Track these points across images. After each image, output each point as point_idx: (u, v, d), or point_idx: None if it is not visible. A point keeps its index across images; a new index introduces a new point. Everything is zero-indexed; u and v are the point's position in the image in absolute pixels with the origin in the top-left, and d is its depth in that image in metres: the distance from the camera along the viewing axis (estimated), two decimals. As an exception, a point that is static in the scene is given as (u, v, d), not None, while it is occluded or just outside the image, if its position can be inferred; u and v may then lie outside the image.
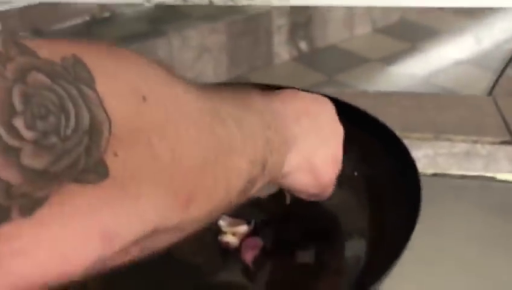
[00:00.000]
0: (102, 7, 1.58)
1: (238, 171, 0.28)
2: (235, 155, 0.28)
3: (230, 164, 0.27)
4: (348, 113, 0.39)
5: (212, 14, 1.75)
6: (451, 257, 0.42)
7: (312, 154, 0.35)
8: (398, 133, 0.43)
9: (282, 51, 1.95)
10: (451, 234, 0.44)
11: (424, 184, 0.37)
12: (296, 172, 0.35)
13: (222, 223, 0.43)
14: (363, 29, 2.05)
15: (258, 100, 0.32)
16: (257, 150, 0.30)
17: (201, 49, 1.74)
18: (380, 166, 0.44)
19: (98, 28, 1.59)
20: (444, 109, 0.62)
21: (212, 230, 0.42)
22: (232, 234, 0.42)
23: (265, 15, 1.89)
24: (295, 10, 1.91)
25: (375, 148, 0.44)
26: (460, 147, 0.55)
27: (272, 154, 0.31)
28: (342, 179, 0.39)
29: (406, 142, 0.42)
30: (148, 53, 0.53)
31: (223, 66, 1.81)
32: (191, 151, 0.24)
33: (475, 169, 0.52)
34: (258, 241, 0.42)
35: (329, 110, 0.37)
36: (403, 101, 0.64)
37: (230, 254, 0.41)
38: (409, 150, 0.41)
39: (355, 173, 0.45)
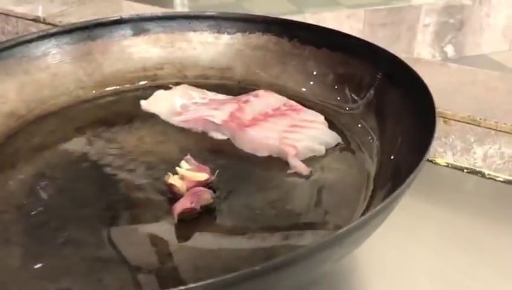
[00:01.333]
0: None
1: None
2: None
3: None
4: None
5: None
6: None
7: None
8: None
9: (424, 52, 1.79)
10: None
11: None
12: None
13: (183, 164, 0.38)
14: (524, 43, 1.79)
15: None
16: None
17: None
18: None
19: None
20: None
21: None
22: (181, 177, 0.37)
23: (412, 9, 1.74)
24: (448, 9, 1.73)
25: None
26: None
27: None
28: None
29: None
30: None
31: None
32: None
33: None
34: (203, 195, 0.35)
35: None
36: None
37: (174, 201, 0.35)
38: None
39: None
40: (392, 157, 0.38)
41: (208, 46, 0.55)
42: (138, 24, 0.54)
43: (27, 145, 0.44)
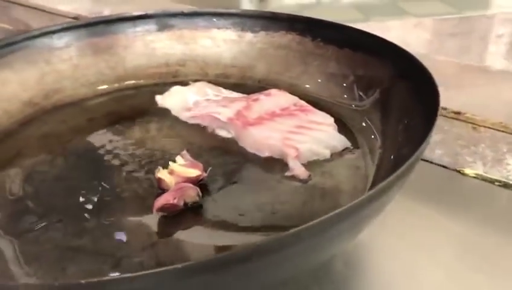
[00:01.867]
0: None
1: None
2: None
3: None
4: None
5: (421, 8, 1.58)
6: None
7: None
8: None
9: (497, 64, 1.68)
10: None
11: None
12: None
13: (178, 159, 0.37)
14: None
15: None
16: None
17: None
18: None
19: None
20: None
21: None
22: (170, 172, 0.36)
23: (484, 18, 1.64)
24: (525, 20, 1.61)
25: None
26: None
27: None
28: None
29: None
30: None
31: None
32: None
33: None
34: (188, 191, 0.34)
35: None
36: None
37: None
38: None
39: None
40: (392, 157, 0.34)
41: (231, 44, 0.54)
42: (163, 19, 0.54)
43: (38, 132, 0.45)
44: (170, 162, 0.37)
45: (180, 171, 0.36)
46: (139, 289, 0.21)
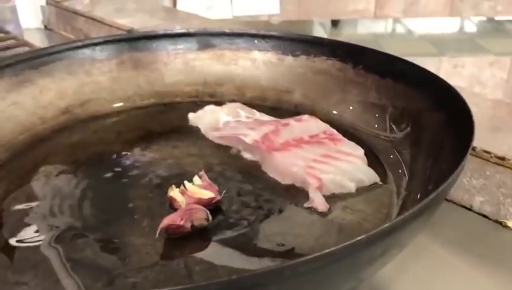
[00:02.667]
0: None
1: None
2: None
3: None
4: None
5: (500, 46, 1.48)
6: None
7: None
8: None
9: None
10: None
11: None
12: None
13: (195, 179, 0.36)
14: None
15: None
16: None
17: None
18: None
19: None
20: None
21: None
22: (181, 191, 0.34)
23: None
24: None
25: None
26: None
27: None
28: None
29: None
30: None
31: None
32: None
33: None
34: (197, 213, 0.33)
35: None
36: None
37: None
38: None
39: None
40: (418, 196, 0.31)
41: (270, 67, 0.53)
42: (204, 38, 0.54)
43: (68, 141, 0.45)
44: (185, 182, 0.36)
45: (194, 191, 0.35)
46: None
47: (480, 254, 0.37)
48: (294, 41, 0.52)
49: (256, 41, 0.53)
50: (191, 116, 0.48)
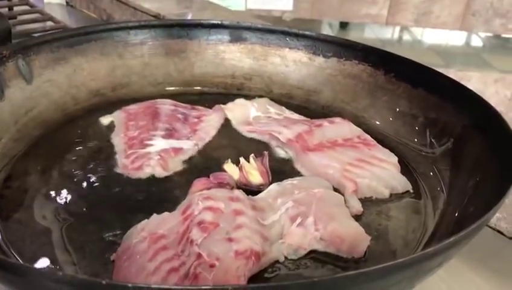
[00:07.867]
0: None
1: None
2: None
3: None
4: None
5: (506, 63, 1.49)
6: None
7: None
8: None
9: None
10: None
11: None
12: None
13: (251, 160, 0.39)
14: None
15: None
16: None
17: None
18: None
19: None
20: None
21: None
22: (239, 168, 0.38)
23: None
24: None
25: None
26: None
27: None
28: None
29: None
30: None
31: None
32: None
33: None
34: (223, 179, 0.35)
35: None
36: None
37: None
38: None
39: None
40: (456, 213, 0.32)
41: (300, 66, 0.53)
42: (237, 31, 0.54)
43: (98, 122, 0.45)
44: (243, 160, 0.37)
45: (248, 171, 0.36)
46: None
47: (497, 269, 0.38)
48: (327, 42, 0.52)
49: (288, 39, 0.54)
50: (222, 107, 0.49)
